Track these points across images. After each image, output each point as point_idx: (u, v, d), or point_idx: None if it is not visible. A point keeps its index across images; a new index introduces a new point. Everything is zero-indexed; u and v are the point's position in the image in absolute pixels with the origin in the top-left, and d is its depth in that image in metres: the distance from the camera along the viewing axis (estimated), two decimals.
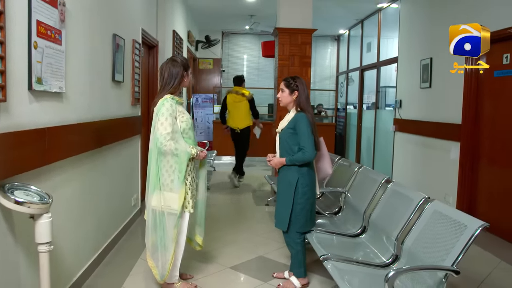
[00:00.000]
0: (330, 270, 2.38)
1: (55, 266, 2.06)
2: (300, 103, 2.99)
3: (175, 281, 2.95)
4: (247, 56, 11.06)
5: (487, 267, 3.47)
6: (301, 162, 2.91)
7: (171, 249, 2.78)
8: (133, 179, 4.47)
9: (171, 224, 2.76)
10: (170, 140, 2.68)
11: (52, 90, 2.38)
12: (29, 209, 1.85)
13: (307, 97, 3.03)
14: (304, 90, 3.01)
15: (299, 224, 2.95)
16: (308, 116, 2.95)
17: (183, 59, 2.97)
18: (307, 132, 2.89)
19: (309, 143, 2.87)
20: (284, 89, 3.05)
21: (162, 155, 2.75)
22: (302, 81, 3.04)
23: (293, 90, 3.01)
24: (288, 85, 3.03)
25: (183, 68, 2.86)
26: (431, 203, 2.45)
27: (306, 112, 2.97)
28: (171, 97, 2.80)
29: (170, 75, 2.85)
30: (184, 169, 2.74)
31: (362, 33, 8.90)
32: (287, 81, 3.05)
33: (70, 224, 2.74)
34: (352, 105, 9.83)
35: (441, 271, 2.06)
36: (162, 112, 2.72)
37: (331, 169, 3.24)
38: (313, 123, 2.96)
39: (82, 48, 2.90)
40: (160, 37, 5.69)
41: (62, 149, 2.52)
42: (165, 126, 2.69)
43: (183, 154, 2.72)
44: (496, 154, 4.33)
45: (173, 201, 2.75)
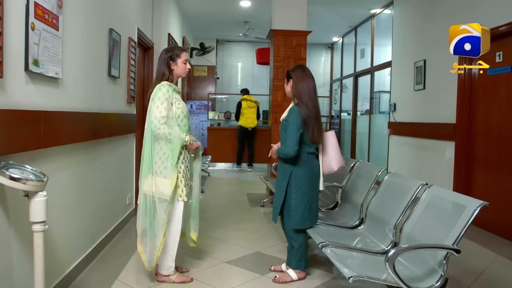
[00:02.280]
0: (329, 255, 2.35)
1: (48, 256, 2.01)
2: (294, 93, 2.90)
3: (171, 273, 2.90)
4: (241, 64, 11.11)
5: (485, 262, 3.47)
6: (282, 156, 2.86)
7: (160, 236, 2.74)
8: (128, 178, 4.42)
9: (161, 210, 2.72)
10: (164, 124, 2.67)
11: (49, 74, 2.36)
12: (24, 185, 1.81)
13: (304, 87, 2.86)
14: (301, 78, 2.88)
15: (295, 220, 2.87)
16: (301, 110, 2.81)
17: (170, 47, 2.95)
18: (292, 127, 2.78)
19: (290, 138, 2.77)
20: (285, 80, 3.03)
21: (156, 140, 2.73)
22: (300, 69, 2.93)
23: (288, 79, 2.97)
24: (287, 75, 2.99)
25: (168, 56, 2.85)
26: (429, 189, 2.45)
27: (301, 104, 2.84)
28: (168, 83, 2.80)
29: (159, 64, 2.89)
30: (176, 155, 2.71)
31: (355, 39, 8.99)
32: (287, 71, 3.01)
33: (63, 215, 2.69)
34: (346, 112, 9.87)
35: (442, 251, 2.04)
36: (158, 96, 2.71)
37: (337, 166, 3.02)
38: (308, 116, 2.81)
39: (78, 37, 2.89)
40: (155, 39, 5.70)
41: (57, 135, 2.49)
42: (160, 110, 2.68)
43: (176, 139, 2.70)
44: (491, 152, 4.35)
45: (164, 186, 2.71)
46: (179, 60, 2.87)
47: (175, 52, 2.88)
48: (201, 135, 10.12)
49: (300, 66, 3.00)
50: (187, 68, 2.92)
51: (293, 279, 2.95)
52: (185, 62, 2.91)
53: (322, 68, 11.28)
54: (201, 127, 10.12)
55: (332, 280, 3.02)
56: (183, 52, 2.92)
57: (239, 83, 11.12)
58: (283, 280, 2.95)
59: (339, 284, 2.98)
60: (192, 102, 10.23)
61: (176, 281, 2.89)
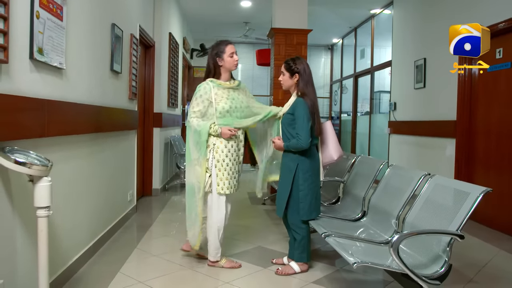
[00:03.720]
0: (333, 244, 2.35)
1: (50, 247, 2.00)
2: (300, 86, 2.93)
3: (218, 259, 3.05)
4: (241, 65, 11.12)
5: (487, 256, 3.47)
6: (295, 149, 2.86)
7: (198, 223, 2.94)
8: (130, 175, 4.42)
9: (197, 198, 2.91)
10: (194, 117, 2.91)
11: (53, 63, 2.38)
12: (29, 169, 1.81)
13: (308, 80, 2.93)
14: (305, 72, 2.93)
15: (303, 211, 2.88)
16: (308, 102, 2.87)
17: (215, 44, 3.05)
18: (302, 119, 2.82)
19: (304, 130, 2.80)
20: (284, 72, 2.99)
21: (190, 132, 2.95)
22: (303, 62, 2.96)
23: (293, 73, 2.94)
24: (289, 68, 2.96)
25: (214, 54, 2.98)
26: (431, 179, 2.45)
27: (306, 96, 2.89)
28: (210, 80, 2.98)
29: (207, 61, 3.06)
30: (204, 145, 2.88)
31: (355, 40, 9.02)
32: (287, 63, 2.98)
33: (65, 206, 2.69)
34: (346, 114, 9.89)
35: (446, 237, 2.04)
36: (195, 94, 2.98)
37: (337, 155, 3.07)
38: (314, 108, 2.88)
39: (82, 29, 2.90)
40: (156, 38, 5.72)
41: (61, 125, 2.50)
42: (192, 106, 2.95)
43: (203, 130, 2.87)
44: (492, 149, 4.36)
45: (197, 175, 2.91)
46: (224, 55, 2.97)
47: (220, 48, 2.99)
48: None
49: (301, 59, 3.00)
50: (235, 60, 3.00)
51: (296, 271, 2.95)
52: (231, 55, 2.99)
53: (322, 70, 11.31)
54: None
55: (335, 273, 3.02)
56: (228, 46, 3.00)
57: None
58: (286, 272, 2.95)
59: (341, 276, 2.98)
60: None
61: (226, 266, 3.03)
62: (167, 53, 6.26)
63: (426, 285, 1.95)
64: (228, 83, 3.01)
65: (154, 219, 4.47)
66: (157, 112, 5.70)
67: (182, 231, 4.08)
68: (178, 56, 7.34)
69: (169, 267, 3.06)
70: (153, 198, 5.56)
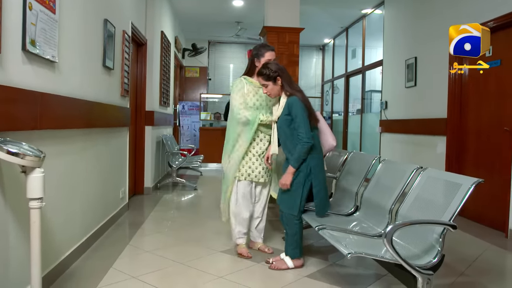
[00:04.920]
0: (326, 236, 2.36)
1: (42, 242, 1.98)
2: (286, 86, 2.94)
3: (236, 243, 3.28)
4: (233, 65, 11.14)
5: (478, 250, 3.51)
6: (305, 153, 2.81)
7: (223, 205, 3.29)
8: (122, 172, 4.40)
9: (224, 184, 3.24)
10: (243, 109, 3.10)
11: (45, 56, 2.36)
12: (22, 160, 1.80)
13: (289, 77, 2.97)
14: (282, 71, 2.95)
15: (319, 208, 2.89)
16: (300, 97, 2.89)
17: (258, 45, 3.25)
18: (302, 116, 2.82)
19: (305, 127, 2.80)
20: (265, 83, 2.96)
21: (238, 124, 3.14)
22: (274, 64, 2.98)
23: (274, 79, 2.94)
24: (268, 76, 2.94)
25: (254, 54, 3.20)
26: (423, 172, 2.47)
27: (296, 92, 2.91)
28: (243, 77, 3.20)
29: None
30: (251, 134, 3.11)
31: (347, 40, 9.07)
32: (263, 74, 2.95)
33: (58, 201, 2.67)
34: (337, 113, 9.93)
35: (438, 228, 2.06)
36: (232, 89, 3.20)
37: (335, 141, 3.15)
38: (306, 100, 2.92)
39: (74, 23, 2.89)
40: (148, 36, 5.71)
41: (53, 119, 2.48)
42: (236, 99, 3.12)
43: (254, 119, 3.09)
44: (482, 145, 4.41)
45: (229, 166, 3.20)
46: (262, 59, 3.14)
47: (260, 51, 3.18)
48: (192, 136, 10.12)
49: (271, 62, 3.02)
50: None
51: (289, 266, 2.94)
52: (269, 61, 3.09)
53: (313, 70, 11.36)
54: (193, 128, 10.12)
55: (328, 267, 3.03)
56: (268, 52, 3.16)
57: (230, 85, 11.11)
58: (278, 267, 2.94)
59: (335, 270, 2.99)
60: (184, 103, 10.23)
61: (237, 251, 3.22)
62: (159, 52, 6.24)
63: (419, 275, 1.96)
64: (257, 81, 3.14)
65: (146, 217, 4.45)
66: (149, 110, 5.68)
67: (174, 229, 4.08)
68: (170, 55, 7.33)
69: (162, 262, 3.05)
70: (145, 197, 5.54)
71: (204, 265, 3.01)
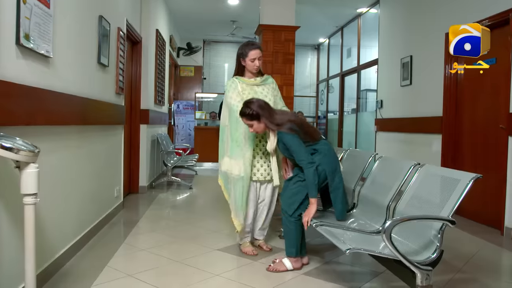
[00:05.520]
0: (324, 232, 2.34)
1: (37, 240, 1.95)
2: (270, 123, 2.86)
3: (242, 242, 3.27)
4: (228, 65, 11.11)
5: (475, 247, 3.52)
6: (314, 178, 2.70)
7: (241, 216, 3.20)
8: (117, 170, 4.37)
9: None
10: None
11: (40, 51, 2.33)
12: (16, 155, 1.76)
13: (269, 110, 2.89)
14: (262, 108, 2.87)
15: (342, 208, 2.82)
16: (287, 129, 2.79)
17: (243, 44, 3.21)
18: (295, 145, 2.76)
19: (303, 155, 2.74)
20: (250, 123, 2.91)
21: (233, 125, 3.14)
22: (254, 101, 2.91)
23: (257, 118, 2.87)
24: (251, 117, 2.88)
25: (239, 53, 3.18)
26: (421, 168, 2.46)
27: (281, 126, 2.82)
28: (235, 77, 3.22)
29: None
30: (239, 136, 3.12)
31: (342, 39, 9.08)
32: (245, 114, 2.89)
33: (52, 198, 2.63)
34: (333, 113, 9.94)
35: (437, 224, 2.05)
36: (226, 89, 3.22)
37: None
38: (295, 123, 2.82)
39: (69, 19, 2.85)
40: (143, 34, 5.67)
41: (48, 114, 2.45)
42: (233, 98, 3.12)
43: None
44: (477, 143, 4.42)
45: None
46: (247, 58, 3.13)
47: (244, 50, 3.14)
48: (187, 135, 10.08)
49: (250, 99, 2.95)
50: (255, 66, 3.14)
51: (287, 268, 2.84)
52: (253, 60, 3.12)
53: (308, 69, 11.36)
54: (188, 127, 10.08)
55: (325, 265, 3.01)
56: (252, 51, 3.12)
57: (225, 84, 11.08)
58: (276, 269, 2.85)
59: (331, 268, 2.98)
60: (179, 102, 10.19)
61: (242, 250, 3.22)
62: (154, 50, 6.21)
63: (418, 271, 1.95)
64: (252, 80, 3.19)
65: (141, 215, 4.42)
66: (144, 108, 5.64)
67: (170, 227, 4.05)
68: (165, 53, 7.29)
69: (157, 260, 3.02)
70: (140, 195, 5.50)
71: (200, 263, 2.98)
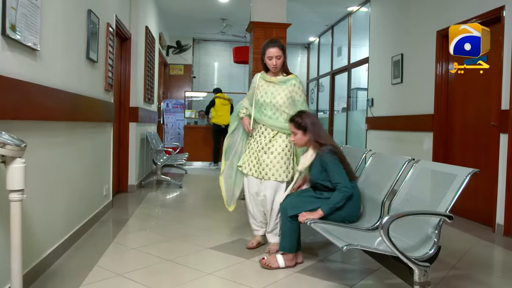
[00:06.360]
0: (319, 229, 2.31)
1: (24, 237, 1.88)
2: (316, 140, 2.80)
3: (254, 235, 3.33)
4: (218, 63, 11.06)
5: (467, 244, 3.52)
6: (341, 202, 2.63)
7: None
8: (106, 169, 4.28)
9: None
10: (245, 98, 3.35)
11: (27, 43, 2.25)
12: (2, 149, 1.69)
13: (320, 129, 2.85)
14: (315, 123, 2.84)
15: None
16: (331, 149, 2.74)
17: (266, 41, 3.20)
18: (338, 167, 2.68)
19: (343, 178, 2.66)
20: (295, 131, 2.86)
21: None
22: (310, 116, 2.88)
23: (305, 129, 2.82)
24: (299, 126, 2.83)
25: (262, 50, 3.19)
26: (416, 164, 2.44)
27: (326, 147, 2.75)
28: (262, 72, 3.26)
29: None
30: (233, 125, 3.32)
31: (332, 38, 9.07)
32: (295, 122, 2.85)
33: (39, 195, 2.55)
34: (323, 112, 9.94)
35: (434, 219, 2.03)
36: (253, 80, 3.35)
37: None
38: (338, 151, 2.77)
39: (57, 11, 2.77)
40: (133, 30, 5.58)
41: (35, 109, 2.37)
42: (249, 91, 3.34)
43: (237, 108, 3.33)
44: (468, 141, 4.43)
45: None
46: (265, 56, 3.16)
47: (263, 48, 3.17)
48: (177, 134, 9.99)
49: (304, 112, 2.90)
50: (272, 64, 3.11)
51: (280, 265, 2.80)
52: (270, 58, 3.12)
53: (298, 68, 11.34)
54: (177, 126, 9.99)
55: (318, 263, 2.98)
56: (269, 49, 3.12)
57: (215, 82, 11.06)
58: (269, 264, 2.80)
59: (325, 265, 2.95)
60: (168, 101, 10.10)
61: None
62: (143, 47, 6.12)
63: (416, 267, 1.92)
64: (272, 78, 3.17)
65: (130, 214, 4.34)
66: (134, 106, 5.56)
67: (160, 226, 3.98)
68: (154, 51, 7.20)
69: (148, 259, 2.96)
70: (129, 194, 5.42)
71: (191, 262, 2.93)
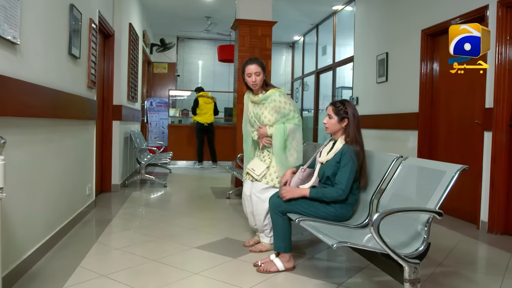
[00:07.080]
0: (308, 227, 2.28)
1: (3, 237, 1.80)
2: (351, 133, 2.63)
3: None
4: (202, 62, 10.98)
5: (453, 241, 3.54)
6: (329, 199, 2.55)
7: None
8: (88, 167, 4.19)
9: None
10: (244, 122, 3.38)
11: (6, 36, 2.17)
12: None
13: (358, 126, 2.65)
14: (354, 116, 2.65)
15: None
16: (358, 150, 2.58)
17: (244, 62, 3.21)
18: (350, 168, 2.52)
19: (348, 181, 2.51)
20: (332, 115, 2.69)
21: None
22: (352, 106, 2.69)
23: (342, 118, 2.66)
24: (338, 111, 2.67)
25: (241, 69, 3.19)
26: (404, 161, 2.43)
27: (356, 144, 2.59)
28: (247, 92, 3.30)
29: None
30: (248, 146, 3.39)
31: (317, 37, 9.09)
32: (335, 106, 2.68)
33: (19, 195, 2.47)
34: (307, 111, 9.95)
35: (424, 216, 2.02)
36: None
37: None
38: (364, 157, 2.62)
39: (38, 5, 2.69)
40: (116, 27, 5.49)
41: (14, 105, 2.29)
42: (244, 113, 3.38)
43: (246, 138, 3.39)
44: (453, 139, 4.47)
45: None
46: (244, 74, 3.17)
47: (243, 66, 3.17)
48: (161, 133, 9.88)
49: (350, 102, 2.75)
50: (252, 81, 3.12)
51: (279, 269, 2.70)
52: (249, 75, 3.12)
53: (283, 67, 11.34)
54: (161, 125, 9.88)
55: (306, 261, 2.96)
56: (246, 67, 3.14)
57: (200, 81, 10.98)
58: (267, 269, 2.70)
59: (313, 264, 2.93)
60: (152, 99, 9.98)
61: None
62: (127, 44, 6.02)
63: (406, 264, 1.91)
64: (254, 97, 3.20)
65: (114, 214, 4.26)
66: (117, 104, 5.46)
67: (144, 226, 3.91)
68: (138, 48, 7.10)
69: (133, 260, 2.90)
70: (113, 194, 5.32)
71: (178, 262, 2.87)
